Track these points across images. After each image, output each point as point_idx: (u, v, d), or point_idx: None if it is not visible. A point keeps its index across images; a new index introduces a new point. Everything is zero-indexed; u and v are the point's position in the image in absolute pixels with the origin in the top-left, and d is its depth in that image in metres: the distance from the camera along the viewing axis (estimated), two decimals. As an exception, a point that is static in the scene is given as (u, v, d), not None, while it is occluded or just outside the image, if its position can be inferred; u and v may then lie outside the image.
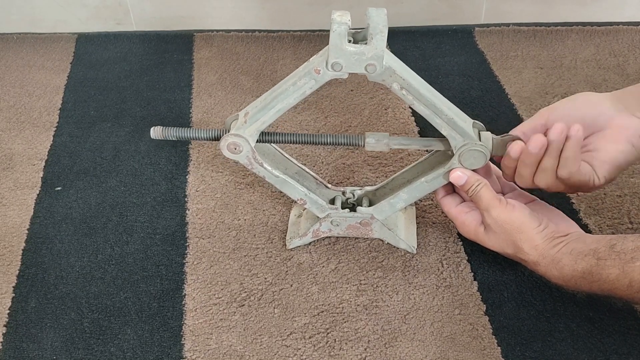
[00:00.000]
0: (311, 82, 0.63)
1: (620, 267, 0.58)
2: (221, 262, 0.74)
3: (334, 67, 0.61)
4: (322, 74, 0.62)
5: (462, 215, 0.69)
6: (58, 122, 0.97)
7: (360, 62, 0.60)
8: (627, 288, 0.58)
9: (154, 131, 0.70)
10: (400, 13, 1.16)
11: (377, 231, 0.74)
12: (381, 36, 0.59)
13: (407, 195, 0.70)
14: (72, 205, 0.82)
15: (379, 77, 0.62)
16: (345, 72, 0.61)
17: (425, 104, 0.64)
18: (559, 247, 0.63)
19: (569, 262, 0.62)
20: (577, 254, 0.61)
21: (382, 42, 0.59)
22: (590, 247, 0.61)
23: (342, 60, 0.60)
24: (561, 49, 1.10)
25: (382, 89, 1.01)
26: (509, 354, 0.64)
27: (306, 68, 0.63)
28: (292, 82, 0.64)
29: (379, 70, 0.61)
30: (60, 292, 0.71)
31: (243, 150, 0.67)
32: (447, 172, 0.67)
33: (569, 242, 0.63)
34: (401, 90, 0.63)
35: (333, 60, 0.60)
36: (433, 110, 0.64)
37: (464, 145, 0.65)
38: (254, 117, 0.66)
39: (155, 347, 0.65)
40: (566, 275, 0.62)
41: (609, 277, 0.59)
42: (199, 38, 1.17)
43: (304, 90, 0.64)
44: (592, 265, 0.60)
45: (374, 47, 0.59)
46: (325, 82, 0.63)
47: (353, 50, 0.60)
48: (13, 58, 1.12)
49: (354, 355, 0.64)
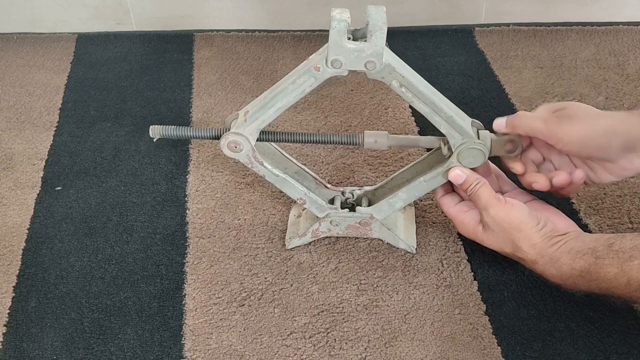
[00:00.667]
0: (311, 79, 0.63)
1: (618, 265, 0.58)
2: (221, 262, 0.74)
3: (334, 64, 0.61)
4: (322, 71, 0.62)
5: (460, 214, 0.69)
6: (58, 121, 0.97)
7: (360, 60, 0.60)
8: (625, 287, 0.58)
9: (152, 130, 0.70)
10: (400, 13, 1.16)
11: (377, 231, 0.74)
12: (380, 33, 0.59)
13: (406, 195, 0.70)
14: (72, 205, 0.82)
15: (379, 74, 0.62)
16: (345, 69, 0.61)
17: (424, 102, 0.64)
18: (557, 246, 0.63)
19: (567, 260, 0.62)
20: (575, 252, 0.61)
21: (381, 39, 0.59)
22: (589, 246, 0.61)
23: (341, 58, 0.60)
24: (561, 49, 1.10)
25: (382, 88, 1.01)
26: (509, 353, 0.64)
27: (306, 66, 0.63)
28: (291, 81, 0.64)
29: (379, 67, 0.61)
30: (61, 291, 0.71)
31: (243, 149, 0.67)
32: (445, 171, 0.67)
33: (568, 241, 0.63)
34: (400, 88, 0.63)
35: (333, 58, 0.60)
36: (432, 108, 0.64)
37: (462, 144, 0.65)
38: (253, 115, 0.66)
39: (155, 346, 0.65)
40: (564, 274, 0.62)
41: (607, 276, 0.59)
42: (199, 38, 1.17)
43: (304, 88, 0.64)
44: (590, 264, 0.60)
45: (374, 44, 0.59)
46: (325, 80, 0.63)
47: (353, 47, 0.60)
48: (13, 58, 1.12)
49: (354, 355, 0.64)
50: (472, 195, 0.66)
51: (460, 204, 0.70)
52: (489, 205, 0.65)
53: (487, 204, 0.65)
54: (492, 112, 0.96)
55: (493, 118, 0.94)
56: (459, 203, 0.70)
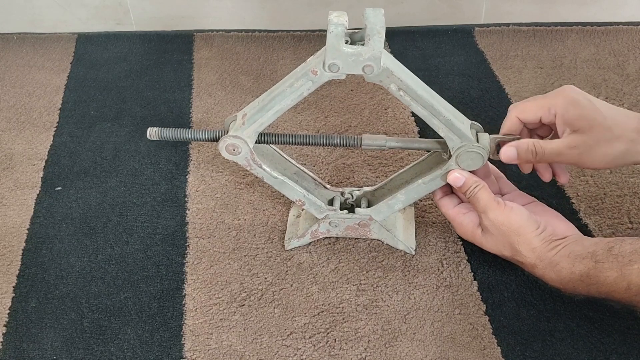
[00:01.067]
0: (308, 83, 0.63)
1: (618, 269, 0.58)
2: (221, 262, 0.74)
3: (331, 68, 0.61)
4: (320, 75, 0.62)
5: (459, 216, 0.69)
6: (58, 122, 0.97)
7: (358, 64, 0.60)
8: (625, 291, 0.58)
9: (150, 132, 0.70)
10: (400, 13, 1.16)
11: (376, 232, 0.74)
12: (378, 37, 0.58)
13: (405, 197, 0.70)
14: (72, 205, 0.82)
15: (377, 78, 0.62)
16: (343, 73, 0.61)
17: (422, 105, 0.63)
18: (556, 250, 0.63)
19: (566, 265, 0.62)
20: (574, 257, 0.61)
21: (379, 43, 0.58)
22: (588, 250, 0.61)
23: (339, 62, 0.60)
24: (561, 49, 1.10)
25: (382, 89, 1.01)
26: (509, 354, 0.64)
27: (303, 69, 0.63)
28: (289, 84, 0.63)
29: (377, 71, 0.60)
30: (60, 292, 0.71)
31: (242, 152, 0.67)
32: (444, 174, 0.67)
33: (567, 245, 0.63)
34: (399, 92, 0.63)
35: (330, 62, 0.60)
36: (430, 112, 0.64)
37: (461, 147, 0.65)
38: (251, 118, 0.66)
39: (155, 347, 0.65)
40: (564, 278, 0.62)
41: (607, 280, 0.59)
42: (199, 38, 1.17)
43: (302, 92, 0.63)
44: (590, 268, 0.60)
45: (372, 49, 0.59)
46: (323, 83, 0.63)
47: (350, 51, 0.59)
48: (13, 58, 1.12)
49: (354, 355, 0.64)
50: (471, 198, 0.66)
51: (459, 206, 0.70)
52: (488, 209, 0.65)
53: (486, 207, 0.65)
54: (492, 113, 0.96)
55: (493, 118, 0.95)
56: (457, 205, 0.70)
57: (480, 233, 0.67)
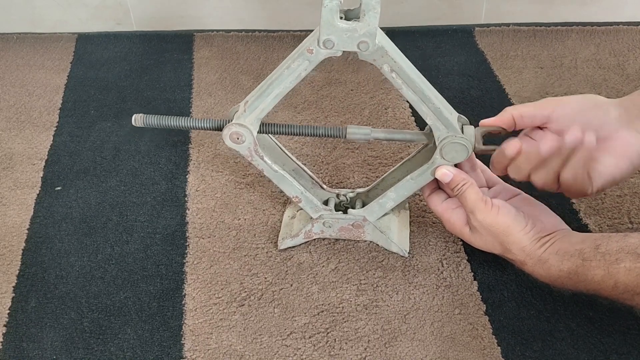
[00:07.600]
0: (305, 63, 0.62)
1: (605, 268, 0.58)
2: (221, 262, 0.74)
3: (326, 44, 0.60)
4: (315, 53, 0.61)
5: (448, 212, 0.69)
6: (58, 121, 0.97)
7: (353, 40, 0.59)
8: (612, 289, 0.58)
9: (135, 119, 0.70)
10: (400, 13, 1.16)
11: (370, 233, 0.73)
12: (374, 13, 0.58)
13: (395, 194, 0.70)
14: (72, 205, 0.82)
15: (371, 56, 0.61)
16: (338, 49, 0.60)
17: (413, 90, 0.63)
18: (545, 247, 0.63)
19: (555, 262, 0.62)
20: (562, 254, 0.62)
21: (374, 19, 0.58)
22: (576, 247, 0.61)
23: (334, 37, 0.60)
24: (561, 49, 1.10)
25: (382, 88, 1.01)
26: (509, 353, 0.64)
27: (299, 49, 0.63)
28: (286, 66, 0.63)
29: (372, 48, 0.60)
30: (60, 291, 0.71)
31: (245, 141, 0.66)
32: (433, 169, 0.67)
33: (555, 242, 0.63)
34: (391, 73, 0.62)
35: (325, 37, 0.60)
36: (420, 97, 0.63)
37: (446, 138, 0.65)
38: (252, 104, 0.65)
39: (155, 346, 0.65)
40: (552, 275, 0.63)
41: (594, 279, 0.59)
42: (199, 38, 1.17)
43: (299, 72, 0.63)
44: (577, 265, 0.60)
45: (367, 24, 0.58)
46: (320, 63, 0.62)
47: (345, 26, 0.59)
48: (13, 58, 1.12)
49: (354, 355, 0.64)
50: (459, 196, 0.66)
51: (447, 201, 0.70)
52: (475, 209, 0.65)
53: (473, 207, 0.65)
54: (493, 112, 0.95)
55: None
56: (446, 200, 0.70)
57: (468, 232, 0.68)
